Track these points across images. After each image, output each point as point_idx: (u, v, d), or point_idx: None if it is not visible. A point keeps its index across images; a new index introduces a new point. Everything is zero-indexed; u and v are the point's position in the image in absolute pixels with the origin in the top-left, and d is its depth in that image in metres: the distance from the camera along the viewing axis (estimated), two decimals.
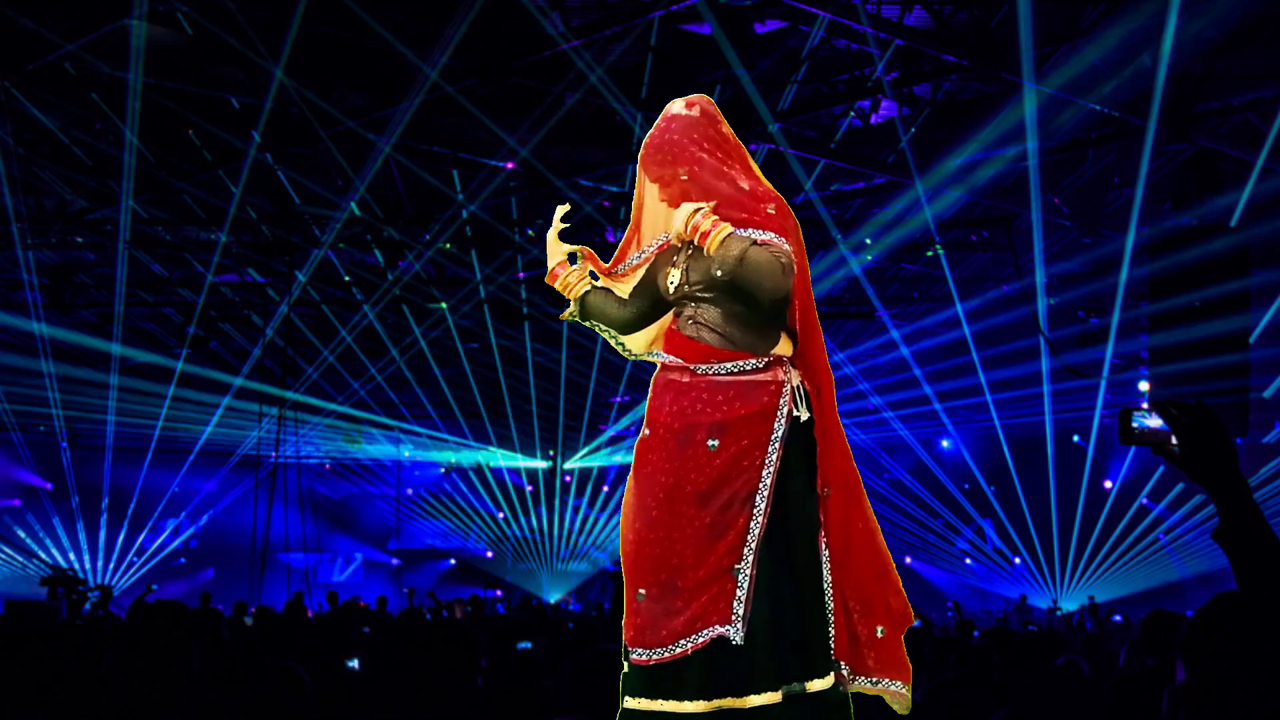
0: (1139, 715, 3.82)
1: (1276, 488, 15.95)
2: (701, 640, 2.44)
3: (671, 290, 2.71)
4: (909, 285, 14.74)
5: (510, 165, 10.16)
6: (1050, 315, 13.25)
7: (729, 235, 2.52)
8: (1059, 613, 16.37)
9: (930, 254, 12.27)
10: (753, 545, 2.50)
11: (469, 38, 8.16)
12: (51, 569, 14.12)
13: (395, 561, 23.75)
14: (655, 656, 2.47)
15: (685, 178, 2.67)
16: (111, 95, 9.32)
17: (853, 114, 10.12)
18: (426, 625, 6.48)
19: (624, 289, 2.89)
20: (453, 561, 24.29)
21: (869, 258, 12.57)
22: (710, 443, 2.55)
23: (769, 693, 2.43)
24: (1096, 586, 18.08)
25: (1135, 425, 1.97)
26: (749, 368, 2.62)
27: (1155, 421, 1.95)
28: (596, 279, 2.91)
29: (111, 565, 20.34)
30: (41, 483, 20.12)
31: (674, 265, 2.73)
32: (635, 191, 2.88)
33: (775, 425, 2.57)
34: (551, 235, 2.93)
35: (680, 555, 2.51)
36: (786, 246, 2.58)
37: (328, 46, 8.75)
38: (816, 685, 2.49)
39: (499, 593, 20.11)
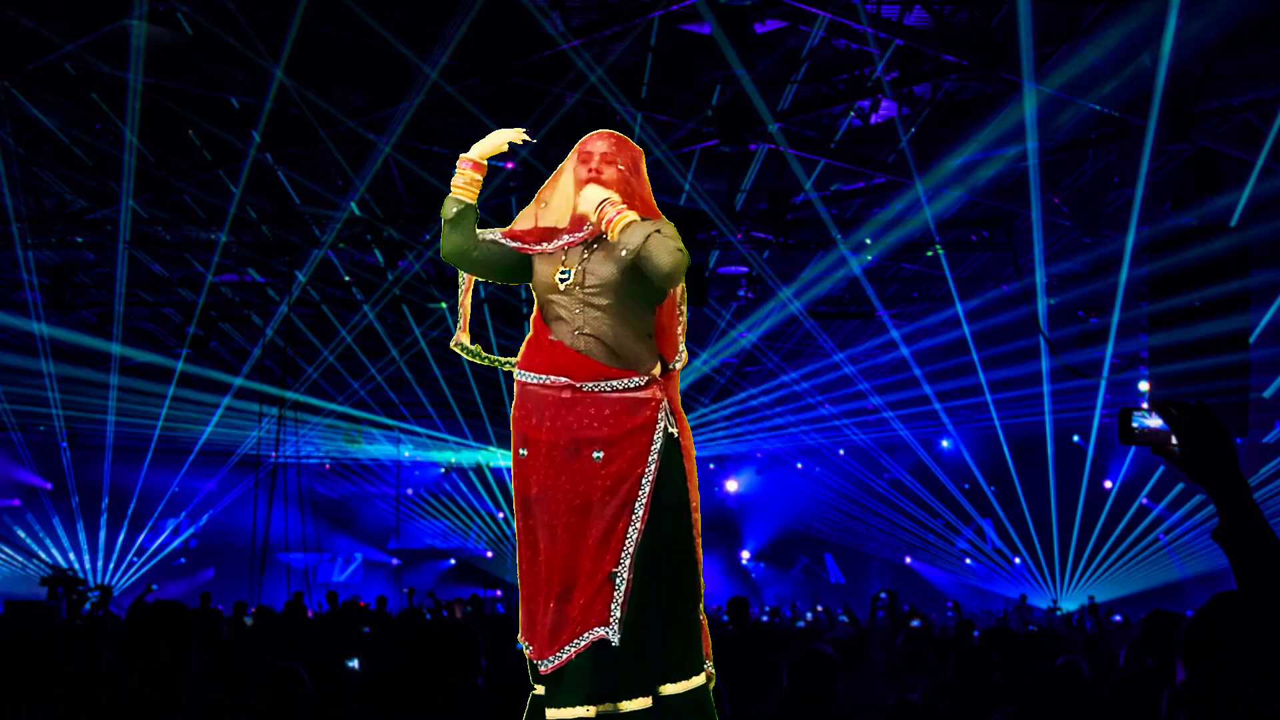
0: (1139, 715, 3.82)
1: (1276, 488, 15.96)
2: (584, 644, 2.55)
3: (561, 287, 2.73)
4: (909, 285, 14.73)
5: (510, 165, 10.16)
6: (1050, 315, 13.25)
7: (634, 221, 2.63)
8: (1059, 613, 16.37)
9: (930, 254, 12.26)
10: (630, 551, 2.60)
11: (469, 38, 8.16)
12: (51, 569, 14.11)
13: (395, 561, 23.75)
14: (550, 665, 2.59)
15: (622, 168, 2.80)
16: (111, 95, 9.32)
17: (853, 114, 10.12)
18: (426, 625, 6.48)
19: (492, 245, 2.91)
20: (453, 561, 24.29)
21: (869, 258, 12.57)
22: (596, 455, 2.64)
23: (640, 698, 2.55)
24: (1096, 586, 18.08)
25: (1135, 425, 1.97)
26: (633, 385, 2.71)
27: (1155, 421, 1.95)
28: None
29: (111, 565, 20.34)
30: (41, 483, 20.13)
31: (564, 263, 2.76)
32: (559, 168, 2.91)
33: (655, 438, 2.69)
34: (498, 137, 2.92)
35: (575, 567, 2.61)
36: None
37: (328, 46, 8.75)
38: (683, 686, 2.61)
39: (499, 593, 20.10)
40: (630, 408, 2.68)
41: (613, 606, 2.56)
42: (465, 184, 2.85)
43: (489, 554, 23.76)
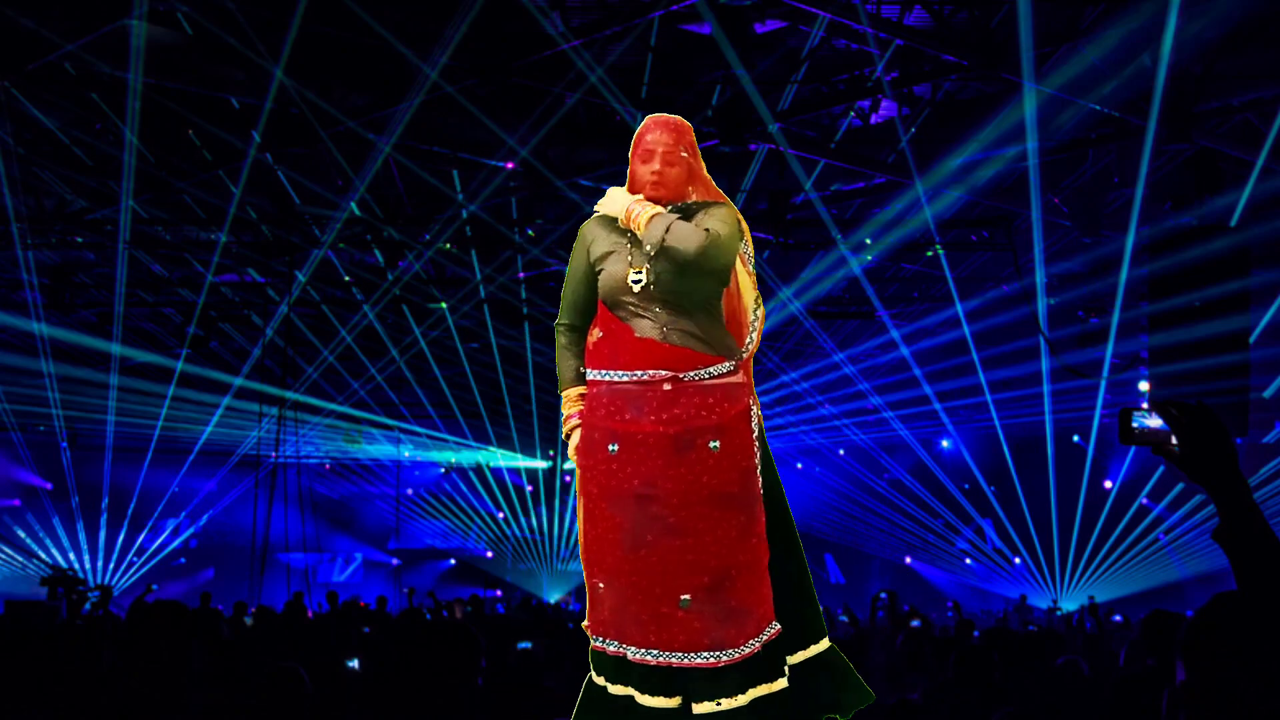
0: (1139, 715, 3.82)
1: (1276, 488, 15.96)
2: (767, 636, 2.60)
3: (635, 288, 2.72)
4: (909, 285, 14.73)
5: (510, 165, 10.15)
6: (1050, 315, 13.25)
7: (655, 215, 2.70)
8: (1059, 613, 16.37)
9: (930, 254, 12.27)
10: (766, 540, 2.67)
11: (469, 38, 8.16)
12: (51, 569, 14.11)
13: (395, 561, 23.75)
14: (726, 658, 2.56)
15: (685, 154, 2.87)
16: (111, 95, 9.32)
17: (853, 114, 10.12)
18: (426, 625, 6.48)
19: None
20: (453, 561, 24.29)
21: (869, 258, 12.57)
22: (713, 444, 2.64)
23: (779, 679, 2.63)
24: (1096, 586, 18.08)
25: (1135, 425, 1.97)
26: (728, 370, 2.73)
27: (1155, 421, 1.95)
28: None
29: (111, 565, 20.34)
30: (41, 483, 20.13)
31: (631, 264, 2.75)
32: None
33: (753, 424, 2.74)
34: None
35: (719, 557, 2.59)
36: (733, 225, 2.75)
37: (328, 46, 8.75)
38: (823, 645, 2.74)
39: (499, 593, 20.11)
40: (730, 394, 2.71)
41: (773, 599, 2.65)
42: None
43: (489, 554, 23.77)
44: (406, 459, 22.57)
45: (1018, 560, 20.13)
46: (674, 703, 2.59)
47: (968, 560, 21.57)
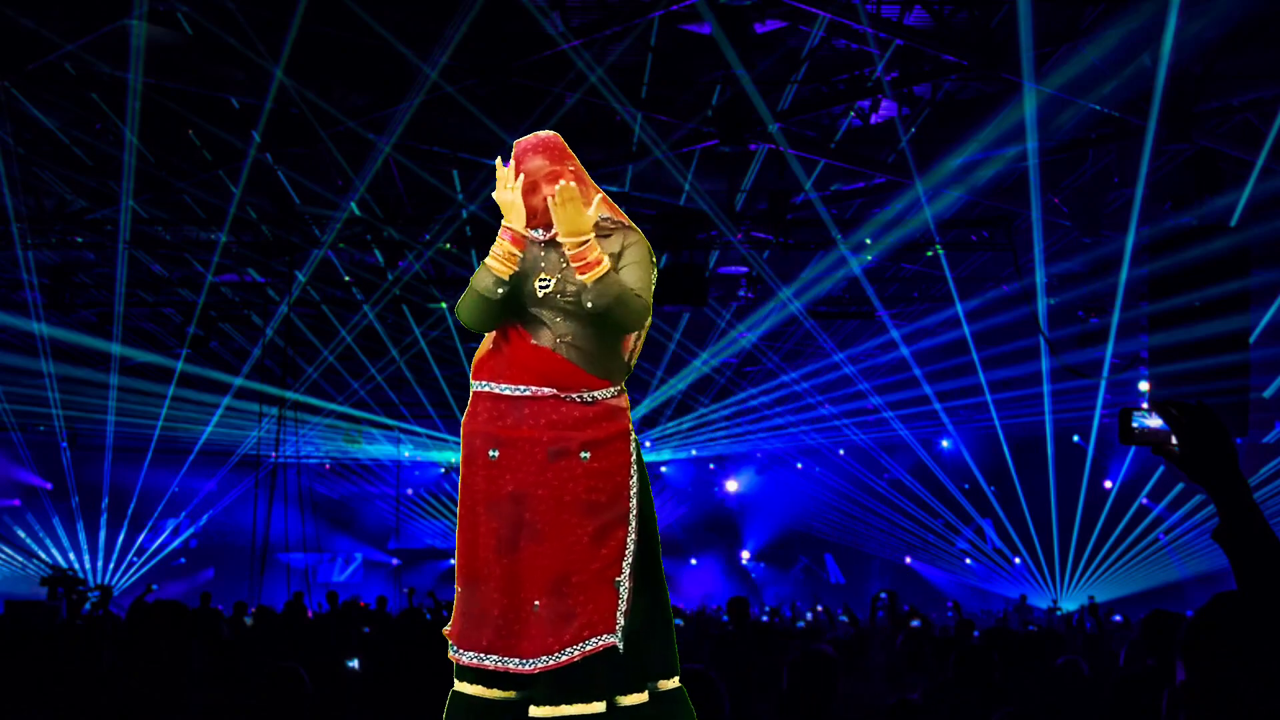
0: (1139, 715, 3.82)
1: (1276, 488, 15.96)
2: (590, 648, 2.58)
3: (540, 295, 2.74)
4: (909, 285, 14.73)
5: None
6: (1050, 315, 13.25)
7: (609, 274, 2.66)
8: (1059, 613, 16.36)
9: (930, 254, 12.26)
10: (629, 560, 2.66)
11: (469, 38, 8.16)
12: (51, 569, 14.10)
13: (395, 561, 23.75)
14: (543, 664, 2.59)
15: (573, 169, 2.87)
16: (111, 95, 9.32)
17: (853, 114, 10.12)
18: (426, 625, 6.48)
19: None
20: (453, 561, 24.26)
21: (869, 258, 12.57)
22: (583, 454, 2.68)
23: (636, 694, 2.63)
24: (1096, 586, 18.08)
25: (1135, 425, 1.97)
26: (611, 395, 2.75)
27: (1155, 421, 1.95)
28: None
29: (111, 565, 20.34)
30: (41, 483, 20.13)
31: (544, 270, 2.76)
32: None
33: (631, 447, 2.74)
34: (519, 191, 2.81)
35: (566, 564, 2.63)
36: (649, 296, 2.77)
37: (328, 46, 8.75)
38: (671, 684, 2.71)
39: None
40: (610, 414, 2.73)
41: (619, 615, 2.62)
42: (505, 256, 2.75)
43: None
44: (406, 459, 22.57)
45: (1018, 560, 20.13)
46: (509, 694, 2.64)
47: (968, 560, 21.57)
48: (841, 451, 21.95)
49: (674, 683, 2.72)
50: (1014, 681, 5.06)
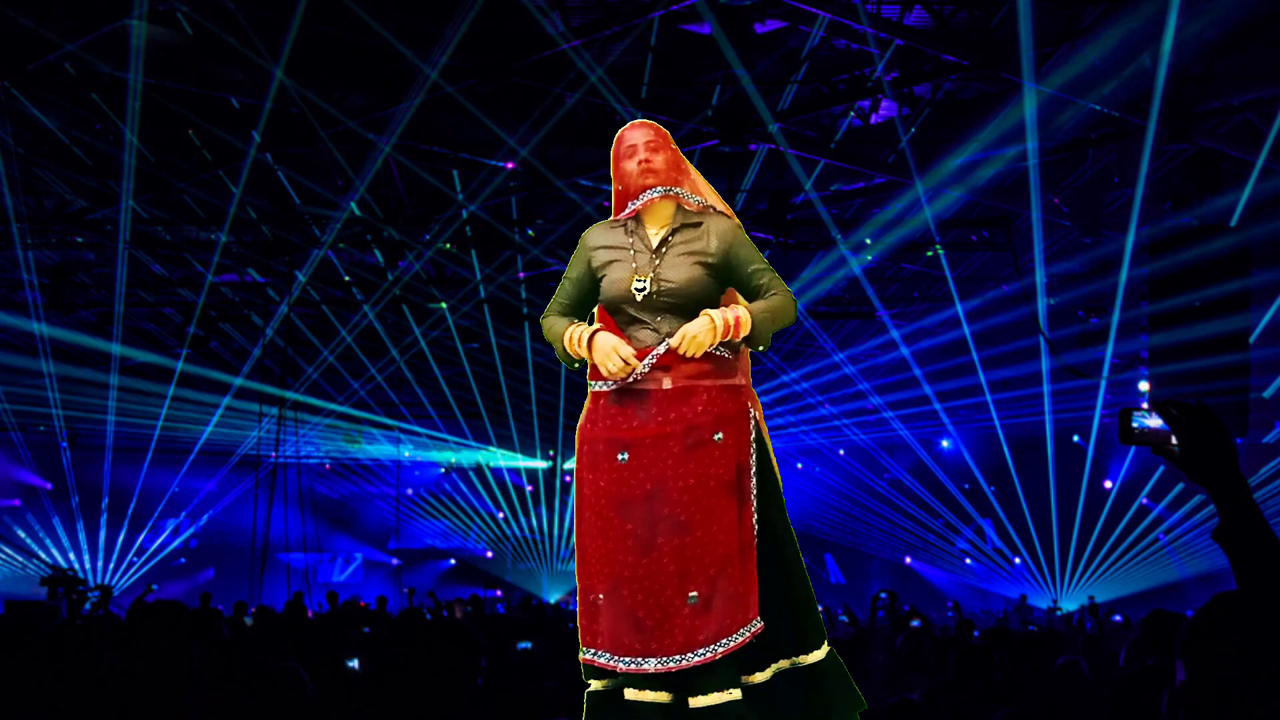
0: (1139, 715, 3.82)
1: (1276, 488, 15.95)
2: (749, 634, 2.59)
3: (638, 296, 2.75)
4: (909, 285, 14.74)
5: (510, 165, 10.15)
6: (1050, 315, 13.25)
7: (752, 320, 2.71)
8: (1059, 613, 16.37)
9: (930, 254, 12.27)
10: (757, 534, 2.68)
11: (469, 38, 8.16)
12: (51, 569, 14.10)
13: (395, 561, 23.75)
14: (722, 649, 2.57)
15: (674, 148, 2.93)
16: (111, 95, 9.32)
17: (853, 114, 10.12)
18: (426, 625, 6.48)
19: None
20: (453, 561, 24.29)
21: (869, 258, 12.57)
22: (717, 436, 2.68)
23: (759, 673, 2.63)
24: (1096, 586, 18.07)
25: (1135, 425, 1.97)
26: (727, 373, 2.76)
27: (1155, 421, 1.95)
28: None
29: (111, 565, 20.34)
30: (41, 483, 20.13)
31: (636, 270, 2.78)
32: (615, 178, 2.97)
33: (750, 425, 2.75)
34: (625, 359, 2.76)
35: (725, 544, 2.62)
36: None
37: (328, 46, 8.75)
38: (824, 651, 2.70)
39: (499, 593, 20.11)
40: (730, 394, 2.74)
41: (758, 592, 2.64)
42: (577, 354, 2.79)
43: (489, 554, 23.76)
44: (406, 459, 22.57)
45: (1018, 560, 20.12)
46: (666, 698, 2.61)
47: (968, 560, 21.57)
48: (841, 451, 21.95)
49: (825, 650, 2.71)
50: (1014, 682, 5.06)
